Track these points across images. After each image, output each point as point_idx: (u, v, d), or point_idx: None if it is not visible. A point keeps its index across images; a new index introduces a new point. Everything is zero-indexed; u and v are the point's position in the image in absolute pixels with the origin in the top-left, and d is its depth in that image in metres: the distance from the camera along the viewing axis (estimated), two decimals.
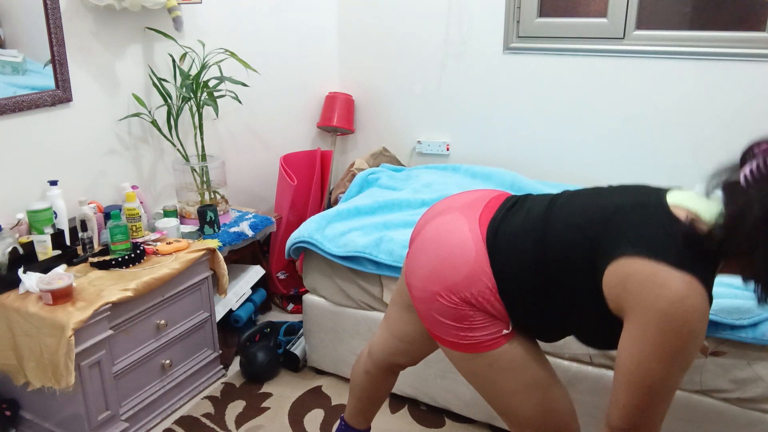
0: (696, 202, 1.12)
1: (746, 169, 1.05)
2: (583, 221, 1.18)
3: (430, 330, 1.33)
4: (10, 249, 1.93)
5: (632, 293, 1.07)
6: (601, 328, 1.20)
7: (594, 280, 1.14)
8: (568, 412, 1.35)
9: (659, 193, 1.17)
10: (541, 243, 1.21)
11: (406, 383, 2.17)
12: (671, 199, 1.14)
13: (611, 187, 1.28)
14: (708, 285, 1.06)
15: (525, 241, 1.23)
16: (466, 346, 1.27)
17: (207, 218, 2.43)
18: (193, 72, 2.49)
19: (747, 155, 1.08)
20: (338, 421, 1.81)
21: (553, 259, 1.19)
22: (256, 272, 2.68)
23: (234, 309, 2.57)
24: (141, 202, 2.34)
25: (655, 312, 1.05)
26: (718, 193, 1.10)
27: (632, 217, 1.13)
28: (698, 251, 1.07)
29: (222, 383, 2.39)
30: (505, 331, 1.27)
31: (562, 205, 1.26)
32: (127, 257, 2.08)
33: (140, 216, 2.26)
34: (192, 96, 2.43)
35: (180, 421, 2.17)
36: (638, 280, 1.07)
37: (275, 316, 2.88)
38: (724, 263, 1.11)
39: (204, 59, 2.51)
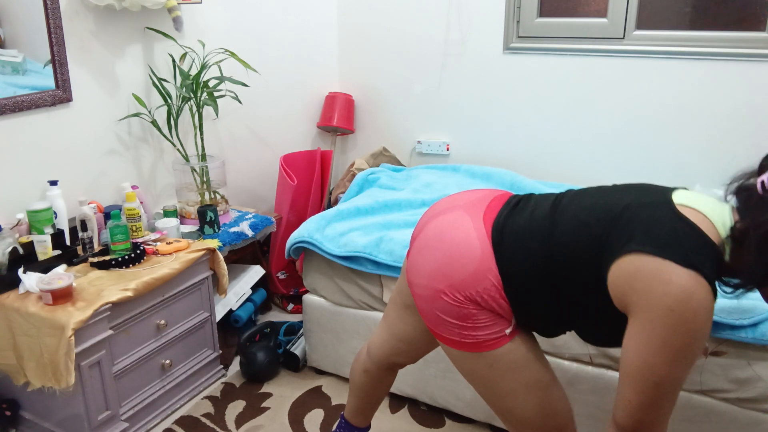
0: (704, 202, 1.13)
1: (764, 177, 1.05)
2: (590, 219, 1.19)
3: (431, 328, 1.33)
4: (10, 249, 1.93)
5: (638, 290, 1.08)
6: (606, 326, 1.20)
7: (600, 278, 1.14)
8: (567, 413, 1.35)
9: (665, 192, 1.17)
10: (547, 241, 1.21)
11: (406, 383, 2.17)
12: (677, 198, 1.14)
13: (616, 186, 1.28)
14: (713, 282, 1.07)
15: (531, 239, 1.23)
16: (467, 345, 1.27)
17: (207, 218, 2.43)
18: (193, 72, 2.49)
19: (766, 163, 1.09)
20: (338, 420, 1.82)
21: (560, 257, 1.20)
22: (256, 272, 2.68)
23: (234, 309, 2.57)
24: (141, 202, 2.34)
25: (661, 309, 1.05)
26: (729, 197, 1.11)
27: (639, 215, 1.13)
28: (704, 250, 1.07)
29: (222, 383, 2.39)
30: (507, 331, 1.27)
31: (567, 204, 1.26)
32: (127, 257, 2.08)
33: (140, 216, 2.26)
34: (192, 96, 2.43)
35: (180, 421, 2.17)
36: (644, 277, 1.07)
37: (275, 316, 2.88)
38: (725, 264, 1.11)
39: (204, 59, 2.51)
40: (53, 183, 2.14)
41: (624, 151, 2.72)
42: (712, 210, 1.11)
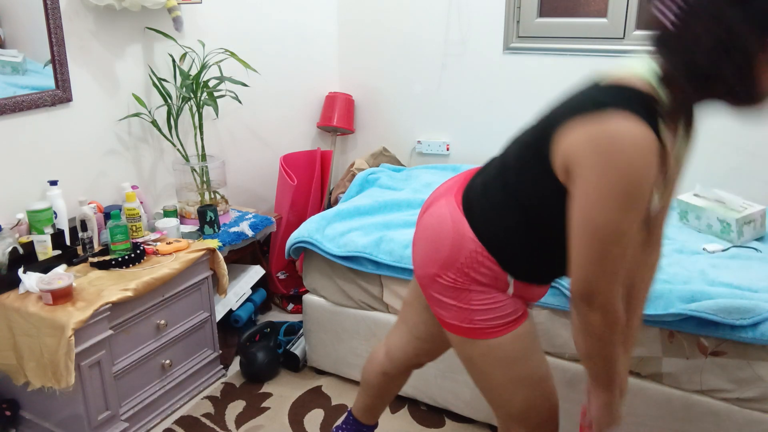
0: (627, 67, 1.15)
1: (668, 15, 1.05)
2: (528, 136, 1.23)
3: (436, 314, 1.36)
4: (10, 249, 1.93)
5: (574, 154, 1.07)
6: None
7: (553, 177, 1.14)
8: (552, 408, 1.38)
9: (593, 78, 1.19)
10: (501, 179, 1.25)
11: (406, 383, 2.17)
12: (604, 78, 1.15)
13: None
14: (648, 123, 1.03)
15: (490, 189, 1.27)
16: (465, 330, 1.30)
17: (207, 218, 2.43)
18: (193, 72, 2.49)
19: (658, 5, 1.08)
20: (345, 416, 1.82)
21: (516, 185, 1.21)
22: (256, 272, 2.68)
23: (234, 309, 2.57)
24: (141, 202, 2.34)
25: (593, 155, 1.03)
26: (653, 54, 1.12)
27: (564, 101, 1.17)
28: (628, 94, 1.07)
29: (222, 383, 2.39)
30: (509, 291, 1.27)
31: (510, 143, 1.31)
32: (127, 257, 2.08)
33: (140, 216, 2.26)
34: (192, 96, 2.43)
35: (180, 421, 2.17)
36: (576, 138, 1.06)
37: (275, 316, 2.88)
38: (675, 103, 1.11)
39: (204, 59, 2.51)
40: (53, 183, 2.14)
41: None
42: (636, 66, 1.13)
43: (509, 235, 1.24)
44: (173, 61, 2.49)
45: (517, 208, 1.22)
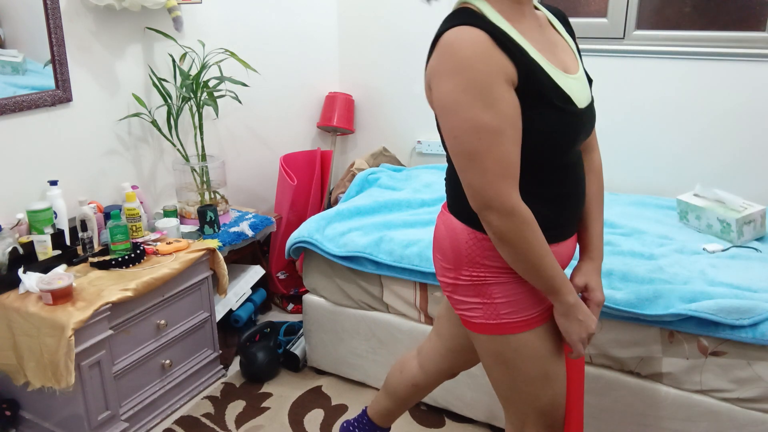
0: None
1: None
2: None
3: (462, 318, 1.35)
4: (10, 249, 1.93)
5: (428, 76, 1.16)
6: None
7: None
8: (563, 410, 1.38)
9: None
10: (446, 154, 1.27)
11: None
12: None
13: None
14: (483, 27, 1.10)
15: (447, 171, 1.33)
16: (493, 327, 1.29)
17: (207, 218, 2.43)
18: (193, 72, 2.49)
19: None
20: (360, 416, 1.82)
21: (446, 150, 1.25)
22: (256, 272, 2.68)
23: (234, 309, 2.57)
24: (141, 202, 2.34)
25: (437, 68, 1.12)
26: None
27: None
28: (463, 14, 1.14)
29: (222, 383, 2.39)
30: (531, 310, 1.27)
31: None
32: (127, 257, 2.08)
33: (140, 216, 2.26)
34: (192, 96, 2.43)
35: (180, 421, 2.17)
36: (429, 66, 1.16)
37: (275, 316, 2.88)
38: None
39: (204, 59, 2.51)
40: (53, 183, 2.14)
41: (623, 150, 2.71)
42: None
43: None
44: (173, 61, 2.49)
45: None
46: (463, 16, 1.13)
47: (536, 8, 1.30)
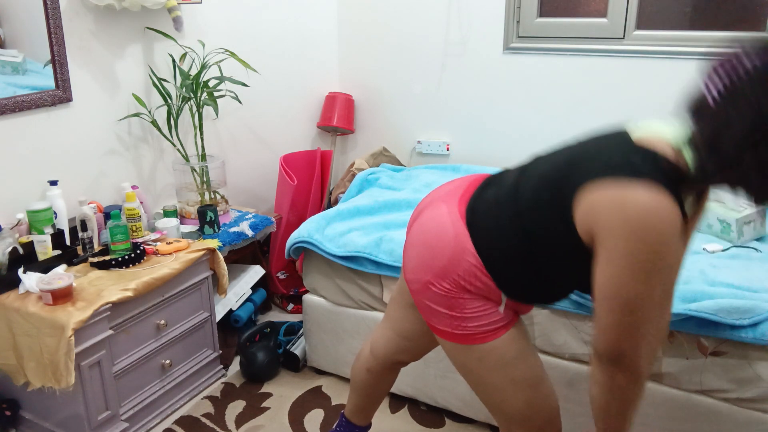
0: (659, 128, 1.14)
1: (712, 90, 1.06)
2: (550, 171, 1.20)
3: (426, 320, 1.35)
4: (10, 249, 1.93)
5: (599, 215, 1.07)
6: (588, 272, 1.19)
7: (568, 224, 1.14)
8: (553, 410, 1.37)
9: (621, 127, 1.19)
10: (514, 206, 1.23)
11: (406, 383, 2.17)
12: (634, 129, 1.16)
13: (580, 138, 1.28)
14: (674, 195, 1.05)
15: (500, 209, 1.25)
16: (458, 336, 1.29)
17: (207, 218, 2.43)
18: (193, 72, 2.49)
19: (708, 78, 1.10)
20: (339, 419, 1.82)
21: (529, 217, 1.20)
22: (256, 272, 2.68)
23: (234, 309, 2.57)
24: (141, 202, 2.34)
25: (621, 225, 1.05)
26: (685, 120, 1.11)
27: (593, 150, 1.15)
28: (658, 164, 1.08)
29: (222, 383, 2.39)
30: (500, 309, 1.27)
31: (531, 165, 1.29)
32: (127, 257, 2.08)
33: (140, 216, 2.26)
34: (192, 96, 2.43)
35: (180, 421, 2.17)
36: (603, 201, 1.07)
37: (275, 316, 2.88)
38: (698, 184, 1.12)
39: (204, 59, 2.51)
40: (53, 183, 2.14)
41: None
42: (671, 134, 1.12)
43: (510, 261, 1.24)
44: (173, 61, 2.49)
45: (525, 238, 1.21)
46: (661, 168, 1.07)
47: None
